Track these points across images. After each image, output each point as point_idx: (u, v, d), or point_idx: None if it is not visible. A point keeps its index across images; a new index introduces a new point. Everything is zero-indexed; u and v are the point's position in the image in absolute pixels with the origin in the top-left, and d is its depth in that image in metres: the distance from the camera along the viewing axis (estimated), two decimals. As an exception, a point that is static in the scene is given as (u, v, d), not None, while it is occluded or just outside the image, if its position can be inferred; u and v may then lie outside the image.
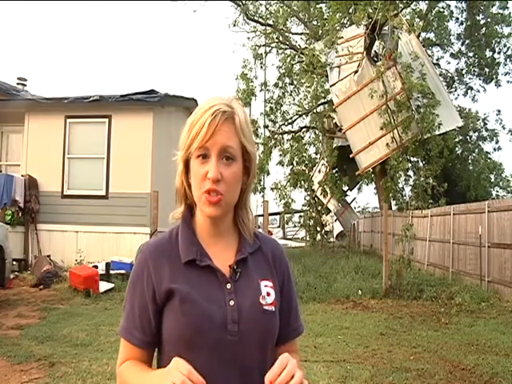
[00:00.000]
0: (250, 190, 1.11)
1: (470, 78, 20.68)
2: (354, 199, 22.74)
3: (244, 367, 1.00)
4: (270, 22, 19.04)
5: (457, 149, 19.24)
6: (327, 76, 14.75)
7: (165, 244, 1.06)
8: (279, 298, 1.08)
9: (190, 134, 1.01)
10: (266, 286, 1.06)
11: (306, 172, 17.13)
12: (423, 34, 18.60)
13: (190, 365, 0.89)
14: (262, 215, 16.60)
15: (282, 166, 17.29)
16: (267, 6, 19.59)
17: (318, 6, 18.23)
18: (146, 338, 1.02)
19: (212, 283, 1.02)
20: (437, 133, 12.37)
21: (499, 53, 19.27)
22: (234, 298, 1.01)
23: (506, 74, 19.72)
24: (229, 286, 1.02)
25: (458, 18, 19.54)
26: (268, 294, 1.05)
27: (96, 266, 8.65)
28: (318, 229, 17.02)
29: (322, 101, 16.65)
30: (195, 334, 0.97)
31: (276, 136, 17.05)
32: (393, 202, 14.24)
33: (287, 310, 1.12)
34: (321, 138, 18.35)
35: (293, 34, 19.97)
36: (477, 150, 20.42)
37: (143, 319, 1.01)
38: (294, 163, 17.05)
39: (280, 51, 19.68)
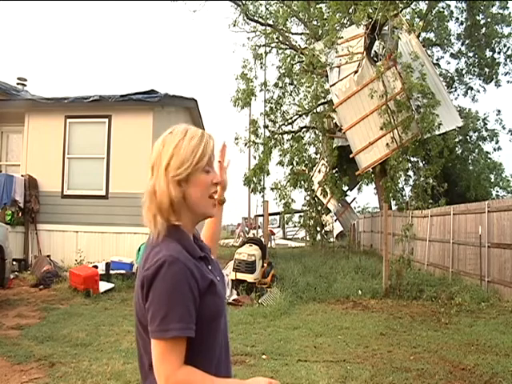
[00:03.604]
0: None
1: (469, 78, 20.69)
2: (354, 199, 22.77)
3: (226, 316, 1.34)
4: (270, 22, 19.02)
5: (457, 149, 19.25)
6: (327, 76, 14.75)
7: (183, 250, 1.21)
8: None
9: (197, 152, 1.24)
10: (217, 261, 1.41)
11: (306, 172, 17.12)
12: (423, 34, 18.60)
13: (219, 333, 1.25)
14: (262, 215, 16.60)
15: (282, 166, 17.30)
16: (267, 6, 19.57)
17: (318, 6, 18.20)
18: (195, 325, 1.18)
19: (207, 267, 1.27)
20: (437, 133, 12.37)
21: (499, 53, 19.28)
22: (217, 274, 1.32)
23: (506, 74, 19.74)
24: (210, 267, 1.29)
25: (458, 18, 19.55)
26: (219, 264, 1.41)
27: (96, 266, 8.64)
28: (318, 229, 17.01)
29: (322, 101, 16.63)
30: (223, 306, 1.29)
31: (276, 136, 17.04)
32: (393, 202, 14.24)
33: None
34: (321, 138, 18.34)
35: (293, 34, 19.97)
36: (477, 150, 20.42)
37: (193, 313, 1.17)
38: (294, 163, 17.04)
39: (280, 51, 19.66)
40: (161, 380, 1.11)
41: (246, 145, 17.12)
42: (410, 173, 14.99)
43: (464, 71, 20.60)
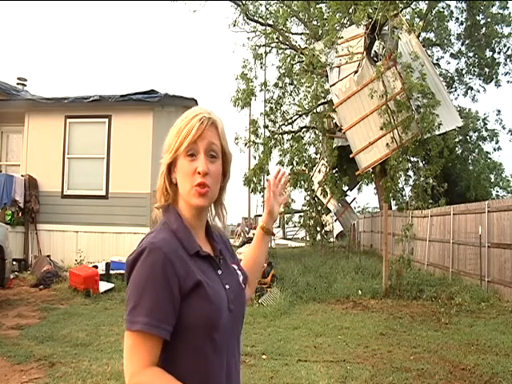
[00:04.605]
0: (226, 188, 1.27)
1: (469, 78, 20.70)
2: (354, 199, 22.77)
3: (237, 336, 1.22)
4: (270, 22, 19.02)
5: (457, 149, 19.25)
6: (327, 76, 14.74)
7: (172, 241, 1.12)
8: None
9: (179, 136, 1.16)
10: (237, 268, 1.28)
11: (306, 172, 17.12)
12: (423, 34, 18.59)
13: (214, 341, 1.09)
14: (262, 215, 16.56)
15: (282, 165, 17.26)
16: (267, 6, 19.58)
17: (318, 6, 18.20)
18: (171, 328, 1.07)
19: (211, 270, 1.17)
20: (437, 133, 12.35)
21: (499, 53, 19.29)
22: (228, 282, 1.18)
23: (506, 74, 19.76)
24: (219, 271, 1.19)
25: (458, 18, 19.57)
26: (239, 275, 1.27)
27: (96, 266, 8.64)
28: (318, 229, 17.01)
29: (322, 101, 16.62)
30: (219, 316, 1.11)
31: (276, 136, 17.03)
32: (393, 202, 14.23)
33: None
34: (321, 138, 18.34)
35: (293, 34, 19.98)
36: (477, 150, 20.44)
37: (169, 312, 1.06)
38: (294, 163, 17.04)
39: (280, 51, 19.66)
40: (127, 375, 1.04)
41: (246, 145, 17.13)
42: (410, 173, 14.98)
43: (464, 71, 20.62)
